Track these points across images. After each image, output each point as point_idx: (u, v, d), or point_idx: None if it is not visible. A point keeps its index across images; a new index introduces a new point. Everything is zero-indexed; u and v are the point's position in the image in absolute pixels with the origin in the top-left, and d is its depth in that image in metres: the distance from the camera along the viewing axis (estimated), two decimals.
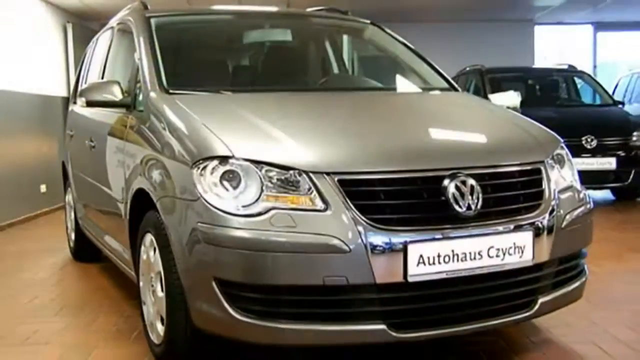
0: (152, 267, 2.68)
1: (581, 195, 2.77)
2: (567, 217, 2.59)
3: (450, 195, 2.33)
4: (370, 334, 2.24)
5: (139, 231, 2.84)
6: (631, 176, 6.89)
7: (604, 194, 7.95)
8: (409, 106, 3.21)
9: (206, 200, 2.30)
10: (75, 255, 4.95)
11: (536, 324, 3.14)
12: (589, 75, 9.02)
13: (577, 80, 8.76)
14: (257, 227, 2.21)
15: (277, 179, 2.29)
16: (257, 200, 2.25)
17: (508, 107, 3.54)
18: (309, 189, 2.26)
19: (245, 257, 2.21)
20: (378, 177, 2.31)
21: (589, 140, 6.80)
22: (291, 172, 2.29)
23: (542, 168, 2.61)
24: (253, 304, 2.24)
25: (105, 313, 3.54)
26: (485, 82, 7.96)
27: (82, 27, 9.14)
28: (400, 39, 3.93)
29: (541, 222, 2.47)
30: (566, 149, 2.88)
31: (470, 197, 2.34)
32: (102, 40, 4.39)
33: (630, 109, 8.92)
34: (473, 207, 2.34)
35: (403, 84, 3.80)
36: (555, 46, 12.86)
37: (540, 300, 2.51)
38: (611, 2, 10.10)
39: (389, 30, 3.99)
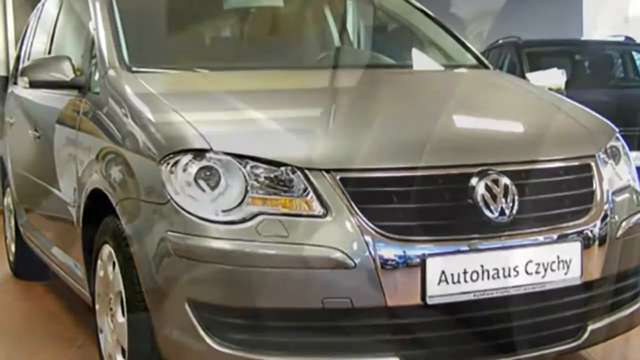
0: (111, 286, 2.68)
1: None
2: (623, 224, 2.59)
3: (479, 198, 2.33)
4: None
5: (94, 242, 2.84)
6: None
7: None
8: (429, 87, 3.22)
9: (178, 204, 2.29)
10: (16, 271, 4.94)
11: (586, 355, 3.13)
12: None
13: (636, 56, 8.76)
14: (241, 237, 2.21)
15: (265, 178, 2.28)
16: (240, 203, 2.25)
17: (550, 89, 3.55)
18: (305, 189, 2.26)
19: (225, 273, 2.21)
20: (390, 175, 2.31)
21: None
22: (282, 168, 2.29)
23: (593, 164, 2.62)
24: (235, 332, 2.24)
25: (53, 342, 3.54)
26: (522, 57, 7.96)
27: None
28: (418, 4, 3.93)
29: (591, 231, 2.47)
30: (622, 141, 2.88)
31: (503, 200, 2.34)
32: (49, 7, 4.38)
33: None
34: (507, 212, 2.34)
35: (421, 60, 3.80)
36: (608, 14, 12.86)
37: (590, 327, 2.51)
38: None
39: None
